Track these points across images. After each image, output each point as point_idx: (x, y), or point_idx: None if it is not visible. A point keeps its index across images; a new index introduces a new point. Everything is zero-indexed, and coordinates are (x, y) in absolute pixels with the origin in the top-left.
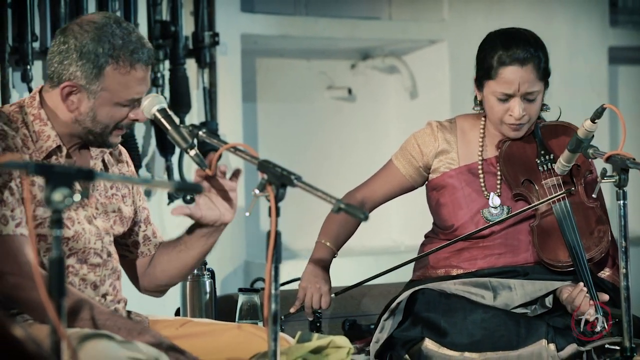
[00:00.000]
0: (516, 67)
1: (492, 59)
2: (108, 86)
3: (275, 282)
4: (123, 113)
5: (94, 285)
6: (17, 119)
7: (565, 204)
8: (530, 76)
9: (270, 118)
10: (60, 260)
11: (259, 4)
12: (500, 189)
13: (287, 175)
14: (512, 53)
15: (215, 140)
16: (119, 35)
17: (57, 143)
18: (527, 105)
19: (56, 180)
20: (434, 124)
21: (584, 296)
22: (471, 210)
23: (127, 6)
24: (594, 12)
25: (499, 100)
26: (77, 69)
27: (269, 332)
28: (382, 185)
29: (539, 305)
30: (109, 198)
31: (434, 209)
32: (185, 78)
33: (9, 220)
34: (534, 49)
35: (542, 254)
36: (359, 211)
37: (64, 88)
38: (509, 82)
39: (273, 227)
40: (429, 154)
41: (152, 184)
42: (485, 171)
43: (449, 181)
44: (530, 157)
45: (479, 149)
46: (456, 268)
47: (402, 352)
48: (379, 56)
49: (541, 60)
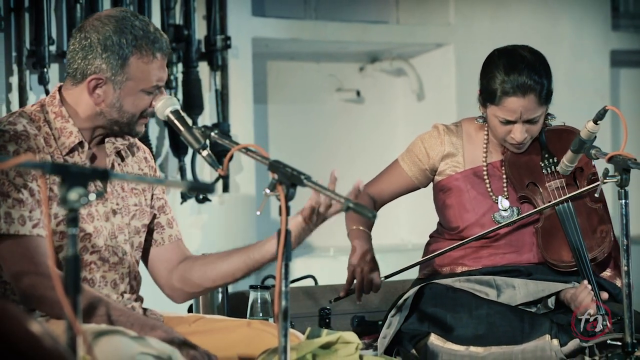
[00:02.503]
0: (518, 98)
1: (495, 85)
2: (133, 75)
3: (286, 280)
4: (147, 101)
5: (114, 283)
6: (39, 118)
7: (568, 205)
8: (532, 105)
9: (281, 119)
10: (75, 258)
11: (270, 8)
12: (507, 192)
13: (297, 175)
14: (516, 82)
15: (227, 141)
16: (138, 26)
17: (79, 139)
18: (529, 127)
19: (72, 180)
20: (441, 127)
21: (588, 293)
22: (477, 212)
23: (141, 10)
24: (596, 16)
25: (501, 122)
26: (102, 62)
27: (279, 328)
28: (389, 185)
29: (542, 306)
30: (130, 192)
31: (440, 209)
32: (198, 80)
33: (27, 220)
34: (538, 75)
35: (546, 254)
36: (367, 210)
37: (91, 81)
38: (511, 111)
39: (283, 225)
40: (436, 156)
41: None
42: (491, 175)
43: (455, 183)
44: (535, 161)
45: (483, 154)
46: (461, 266)
47: (409, 346)
48: (387, 59)
49: (544, 87)
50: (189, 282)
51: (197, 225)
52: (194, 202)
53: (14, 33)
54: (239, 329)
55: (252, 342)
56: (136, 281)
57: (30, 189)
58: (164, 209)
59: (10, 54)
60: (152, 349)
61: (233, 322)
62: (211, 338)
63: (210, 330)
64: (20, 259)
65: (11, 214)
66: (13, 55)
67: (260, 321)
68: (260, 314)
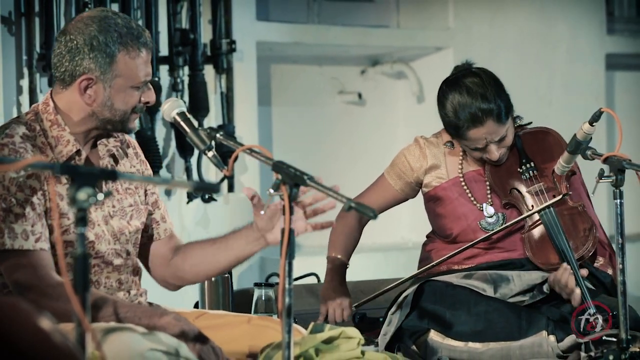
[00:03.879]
0: (478, 128)
1: (454, 122)
2: (121, 72)
3: (289, 277)
4: (136, 97)
5: (119, 283)
6: (35, 128)
7: (550, 210)
8: (494, 127)
9: (284, 121)
10: (84, 257)
11: (273, 12)
12: (492, 199)
13: (300, 176)
14: (469, 116)
15: (232, 142)
16: (121, 24)
17: (77, 147)
18: (501, 143)
19: (81, 180)
20: (421, 141)
21: (570, 274)
22: (468, 219)
23: (148, 15)
24: (592, 20)
25: (472, 150)
26: (90, 62)
27: (282, 324)
28: (377, 198)
29: (537, 291)
30: (124, 193)
31: (432, 219)
32: (204, 83)
33: (29, 235)
34: (487, 101)
35: (534, 259)
36: (368, 209)
37: (81, 82)
38: (476, 140)
39: (287, 224)
40: (419, 170)
41: (171, 184)
42: (474, 182)
43: (442, 193)
44: (514, 167)
45: (459, 166)
46: (457, 264)
47: (409, 342)
48: (388, 62)
49: (499, 107)
50: (182, 279)
51: (203, 224)
52: (199, 202)
53: (25, 37)
54: (241, 325)
55: (255, 337)
56: (139, 276)
57: (31, 202)
58: (157, 204)
59: (20, 57)
60: (162, 345)
61: (236, 318)
62: (214, 334)
63: (213, 326)
64: (24, 274)
65: (14, 229)
66: (24, 58)
67: (260, 317)
68: (265, 311)
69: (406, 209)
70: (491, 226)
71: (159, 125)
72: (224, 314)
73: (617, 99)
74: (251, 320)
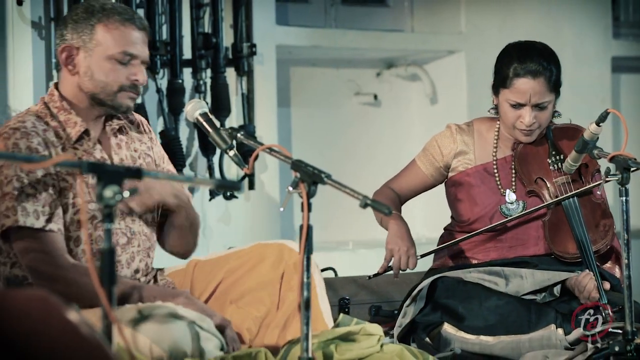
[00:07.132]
0: (528, 79)
1: (508, 69)
2: (100, 40)
3: (307, 271)
4: (120, 73)
5: (127, 263)
6: (46, 114)
7: (574, 200)
8: (542, 88)
9: (303, 121)
10: (111, 251)
11: (292, 17)
12: (515, 186)
13: (318, 174)
14: (526, 66)
15: (253, 141)
16: (109, 4)
17: (84, 127)
18: (538, 113)
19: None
20: (453, 127)
21: (590, 278)
22: (486, 206)
23: (172, 20)
24: (598, 24)
25: (511, 107)
26: (72, 33)
27: (301, 317)
28: (407, 183)
29: (548, 294)
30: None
31: (452, 203)
32: (226, 85)
33: (40, 215)
34: (547, 62)
35: (552, 246)
36: (384, 207)
37: (63, 52)
38: (521, 92)
39: (305, 221)
40: (449, 154)
41: (194, 182)
42: (500, 169)
43: (466, 179)
44: (543, 157)
45: (493, 150)
46: (471, 259)
47: (423, 335)
48: (402, 65)
49: (553, 73)
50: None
51: (225, 221)
52: (221, 199)
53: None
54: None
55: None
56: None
57: (44, 183)
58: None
59: (50, 61)
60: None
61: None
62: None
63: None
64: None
65: (26, 207)
66: (53, 61)
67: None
68: None
69: (420, 204)
70: (510, 212)
71: (183, 125)
72: (226, 252)
73: (622, 100)
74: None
